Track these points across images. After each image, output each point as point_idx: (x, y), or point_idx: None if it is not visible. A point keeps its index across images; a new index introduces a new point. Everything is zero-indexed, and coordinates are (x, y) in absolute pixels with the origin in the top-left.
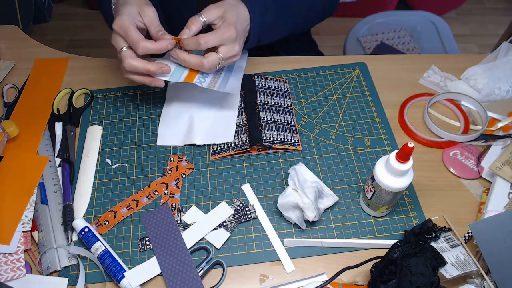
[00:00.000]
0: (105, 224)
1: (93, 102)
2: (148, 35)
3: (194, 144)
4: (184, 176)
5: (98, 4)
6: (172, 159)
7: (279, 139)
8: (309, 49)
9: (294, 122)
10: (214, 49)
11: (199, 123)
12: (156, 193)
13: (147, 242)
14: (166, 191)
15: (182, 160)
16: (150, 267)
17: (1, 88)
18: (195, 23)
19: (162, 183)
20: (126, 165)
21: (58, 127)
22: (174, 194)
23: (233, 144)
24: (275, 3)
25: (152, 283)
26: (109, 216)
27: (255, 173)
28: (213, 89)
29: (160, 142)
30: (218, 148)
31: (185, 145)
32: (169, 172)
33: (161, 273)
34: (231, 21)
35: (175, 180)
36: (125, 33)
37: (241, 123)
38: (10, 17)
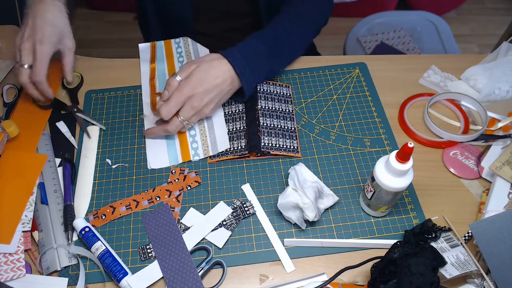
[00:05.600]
0: (102, 217)
1: (93, 102)
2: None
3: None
4: (189, 188)
5: None
6: (174, 171)
7: (278, 145)
8: (307, 50)
9: (295, 128)
10: None
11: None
12: (158, 199)
13: (148, 251)
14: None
15: (191, 172)
16: (152, 272)
17: (1, 88)
18: (172, 84)
19: (166, 190)
20: (126, 165)
21: (61, 125)
22: (174, 208)
23: (231, 149)
24: (267, 44)
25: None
26: (108, 210)
27: (255, 173)
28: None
29: (153, 165)
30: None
31: None
32: (176, 180)
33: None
34: (189, 80)
35: (179, 190)
36: (40, 58)
37: (241, 128)
38: (10, 17)
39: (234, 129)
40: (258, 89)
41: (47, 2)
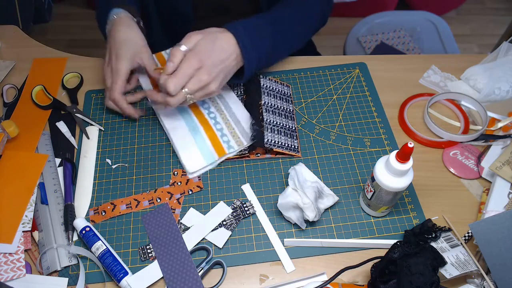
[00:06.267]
0: (102, 214)
1: (93, 102)
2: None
3: None
4: (190, 192)
5: (97, 19)
6: (175, 172)
7: (280, 143)
8: (307, 50)
9: (295, 128)
10: None
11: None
12: (159, 200)
13: (148, 251)
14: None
15: (194, 176)
16: (152, 272)
17: (1, 88)
18: (177, 55)
19: (168, 192)
20: (126, 165)
21: (61, 125)
22: (174, 209)
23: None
24: (270, 27)
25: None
26: (108, 207)
27: (255, 173)
28: (239, 136)
29: (191, 170)
30: None
31: None
32: (179, 183)
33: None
34: (197, 51)
35: (181, 194)
36: (116, 76)
37: None
38: (10, 17)
39: None
40: (262, 85)
41: (118, 22)
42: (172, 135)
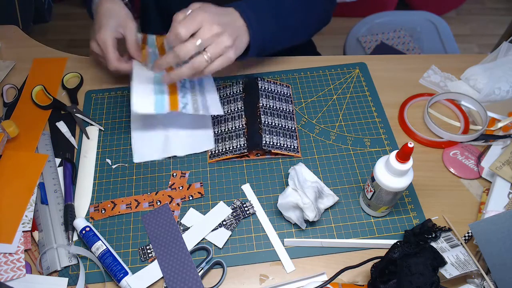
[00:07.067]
0: (102, 211)
1: (93, 102)
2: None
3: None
4: (191, 198)
5: (85, 5)
6: (174, 174)
7: (278, 144)
8: (307, 50)
9: (295, 128)
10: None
11: (175, 133)
12: (159, 203)
13: (148, 251)
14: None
15: (197, 183)
16: (152, 272)
17: (1, 88)
18: (180, 15)
19: (169, 195)
20: (126, 165)
21: (61, 125)
22: (174, 211)
23: (231, 148)
24: (273, 11)
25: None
26: (108, 205)
27: (255, 173)
28: (199, 114)
29: (137, 159)
30: (216, 151)
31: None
32: (180, 188)
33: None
34: (206, 7)
35: (181, 199)
36: (104, 48)
37: (240, 126)
38: (10, 17)
39: (234, 128)
40: (260, 87)
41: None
42: (135, 77)
